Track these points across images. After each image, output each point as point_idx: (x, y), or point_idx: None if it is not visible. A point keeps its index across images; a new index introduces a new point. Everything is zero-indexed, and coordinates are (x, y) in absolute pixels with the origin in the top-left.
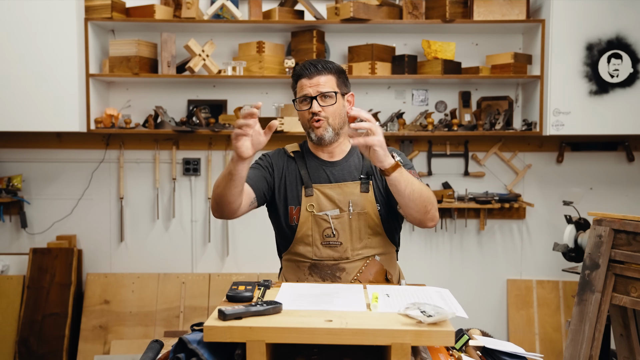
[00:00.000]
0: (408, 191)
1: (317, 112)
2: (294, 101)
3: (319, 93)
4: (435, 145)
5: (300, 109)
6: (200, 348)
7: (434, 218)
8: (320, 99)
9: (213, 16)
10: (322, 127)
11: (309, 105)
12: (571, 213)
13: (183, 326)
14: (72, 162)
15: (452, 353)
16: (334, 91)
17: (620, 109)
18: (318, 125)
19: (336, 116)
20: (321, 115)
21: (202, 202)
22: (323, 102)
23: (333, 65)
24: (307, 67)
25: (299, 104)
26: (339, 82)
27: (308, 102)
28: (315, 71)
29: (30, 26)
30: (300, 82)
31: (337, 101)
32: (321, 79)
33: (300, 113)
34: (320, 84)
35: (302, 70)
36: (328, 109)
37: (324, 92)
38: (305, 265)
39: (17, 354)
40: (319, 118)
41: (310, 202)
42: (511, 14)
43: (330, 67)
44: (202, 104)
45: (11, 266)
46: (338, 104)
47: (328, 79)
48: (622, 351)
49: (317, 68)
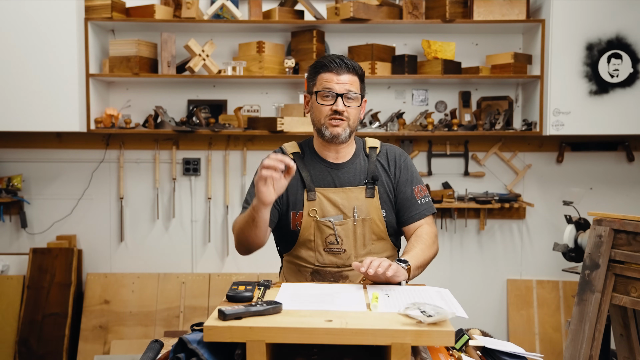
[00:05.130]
0: (421, 270)
1: (341, 111)
2: (316, 93)
3: (346, 91)
4: (435, 145)
5: (322, 103)
6: (200, 348)
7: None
8: (345, 98)
9: (213, 16)
10: (341, 127)
11: (331, 101)
12: (571, 213)
13: (183, 326)
14: (72, 162)
15: (452, 353)
16: (361, 94)
17: (620, 109)
18: (337, 124)
19: (355, 119)
20: (344, 115)
21: (202, 202)
22: (347, 102)
23: (359, 67)
24: (336, 61)
25: (321, 98)
26: (361, 85)
27: (331, 97)
28: (345, 68)
29: (31, 26)
30: (325, 75)
31: (360, 104)
32: (349, 77)
33: (317, 106)
34: (347, 83)
35: (330, 63)
36: (351, 110)
37: (351, 91)
38: (308, 270)
39: (17, 354)
40: (341, 117)
41: (312, 206)
42: (511, 14)
43: (358, 69)
44: (202, 104)
45: (11, 266)
46: (359, 107)
47: (354, 79)
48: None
49: (347, 65)
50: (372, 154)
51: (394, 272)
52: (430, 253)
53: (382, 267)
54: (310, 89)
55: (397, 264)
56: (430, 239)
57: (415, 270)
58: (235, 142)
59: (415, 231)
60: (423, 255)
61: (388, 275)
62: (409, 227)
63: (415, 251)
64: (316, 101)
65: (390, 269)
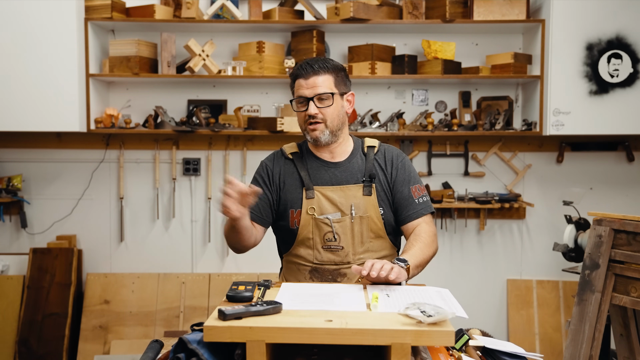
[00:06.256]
0: (420, 269)
1: (314, 115)
2: (292, 102)
3: (315, 94)
4: (435, 145)
5: (298, 110)
6: (200, 348)
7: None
8: (317, 100)
9: (213, 16)
10: (318, 130)
11: (305, 107)
12: (571, 213)
13: (183, 326)
14: (72, 162)
15: (452, 353)
16: (331, 92)
17: (620, 109)
18: (314, 127)
19: (334, 117)
20: (318, 118)
21: (202, 202)
22: (320, 104)
23: (331, 63)
24: (304, 67)
25: (296, 105)
26: (337, 81)
27: (305, 103)
28: (312, 71)
29: (31, 26)
30: (297, 82)
31: (335, 102)
32: (318, 79)
33: (297, 114)
34: (317, 85)
35: (299, 70)
36: (325, 111)
37: (320, 93)
38: (306, 269)
39: (17, 354)
40: (316, 120)
41: (311, 204)
42: (511, 14)
43: (328, 66)
44: (202, 104)
45: (11, 266)
46: (336, 105)
47: (325, 78)
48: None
49: (313, 68)
50: (369, 152)
51: (396, 275)
52: (429, 252)
53: (385, 270)
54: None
55: (398, 267)
56: (429, 238)
57: (415, 270)
58: (235, 142)
59: (413, 230)
60: (422, 254)
61: (391, 278)
62: (406, 226)
63: (414, 250)
64: (293, 109)
65: (393, 272)
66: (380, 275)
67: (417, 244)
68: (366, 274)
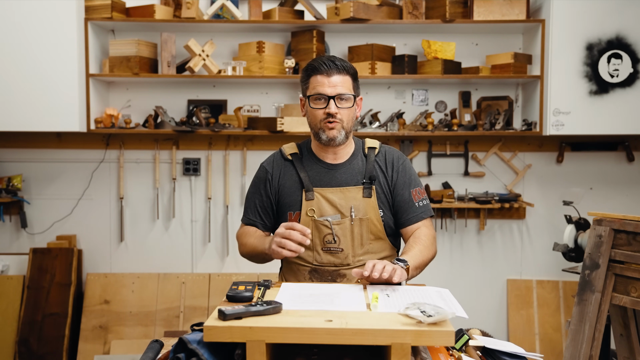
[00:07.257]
0: (419, 271)
1: (334, 114)
2: (308, 97)
3: (337, 94)
4: (435, 145)
5: (315, 107)
6: (200, 348)
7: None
8: (337, 99)
9: (213, 16)
10: (336, 129)
11: (324, 105)
12: (571, 213)
13: (183, 326)
14: (72, 162)
15: (452, 353)
16: (353, 94)
17: (620, 109)
18: (332, 126)
19: (350, 120)
20: (337, 118)
21: (202, 202)
22: (339, 104)
23: (350, 65)
24: (326, 63)
25: (313, 102)
26: (354, 84)
27: (323, 100)
28: (335, 69)
29: (30, 26)
30: (315, 78)
31: (353, 104)
32: (340, 78)
33: (311, 110)
34: (338, 84)
35: (320, 66)
36: (343, 112)
37: (342, 93)
38: (306, 269)
39: (17, 354)
40: (335, 120)
41: (310, 206)
42: (511, 14)
43: (348, 68)
44: (202, 104)
45: (11, 266)
46: (353, 107)
47: (345, 79)
48: (622, 351)
49: (336, 66)
50: (370, 154)
51: (399, 277)
52: (428, 254)
53: (387, 271)
54: (303, 92)
55: (400, 269)
56: (428, 241)
57: (414, 271)
58: (235, 142)
59: (413, 233)
60: (421, 256)
61: (394, 281)
62: (406, 229)
63: (413, 252)
64: (309, 105)
65: (397, 275)
66: (382, 278)
67: (416, 246)
68: (367, 276)
